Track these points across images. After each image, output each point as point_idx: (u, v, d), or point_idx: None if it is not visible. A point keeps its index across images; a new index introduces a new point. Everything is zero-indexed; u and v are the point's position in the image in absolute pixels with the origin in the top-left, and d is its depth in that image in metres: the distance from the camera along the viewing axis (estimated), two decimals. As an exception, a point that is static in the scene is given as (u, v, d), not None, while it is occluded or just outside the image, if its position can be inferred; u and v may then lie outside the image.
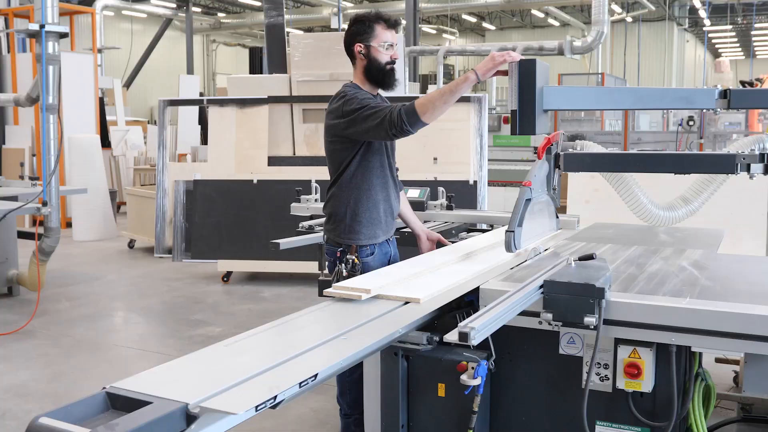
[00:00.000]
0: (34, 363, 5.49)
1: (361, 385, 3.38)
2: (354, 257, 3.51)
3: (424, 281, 3.02)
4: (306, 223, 4.69)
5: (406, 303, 2.72)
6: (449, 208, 4.85)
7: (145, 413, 1.63)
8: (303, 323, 2.51)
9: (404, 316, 2.58)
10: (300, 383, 1.89)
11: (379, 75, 3.49)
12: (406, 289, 2.86)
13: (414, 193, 4.61)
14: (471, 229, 4.71)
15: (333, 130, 3.51)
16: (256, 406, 1.72)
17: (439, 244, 3.95)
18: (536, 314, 2.70)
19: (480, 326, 2.16)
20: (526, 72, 2.71)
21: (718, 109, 3.22)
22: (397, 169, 3.94)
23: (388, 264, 3.65)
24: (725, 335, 2.48)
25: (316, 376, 1.96)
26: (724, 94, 3.16)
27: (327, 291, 2.81)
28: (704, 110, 6.11)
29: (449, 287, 2.92)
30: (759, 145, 3.34)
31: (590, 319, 2.51)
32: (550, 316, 2.58)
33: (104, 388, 1.73)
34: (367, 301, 2.74)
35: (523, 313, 2.74)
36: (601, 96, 3.00)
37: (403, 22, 27.58)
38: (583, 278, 2.58)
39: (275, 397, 1.78)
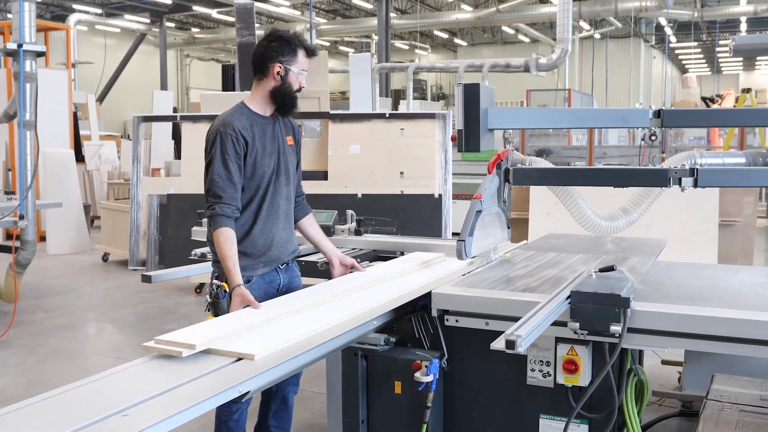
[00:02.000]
0: (12, 370, 5.65)
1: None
2: (223, 284, 3.19)
3: (276, 328, 2.65)
4: (199, 251, 4.20)
5: (239, 360, 2.32)
6: (358, 233, 4.43)
7: None
8: (87, 392, 2.11)
9: (220, 382, 2.14)
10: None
11: (288, 100, 3.34)
12: (245, 342, 2.45)
13: (320, 216, 4.17)
14: (381, 255, 4.31)
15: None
16: None
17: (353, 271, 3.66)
18: (483, 316, 2.96)
19: (525, 334, 2.30)
20: (470, 95, 2.97)
21: (654, 128, 3.51)
22: (301, 195, 3.69)
23: (277, 294, 3.38)
24: (651, 332, 2.74)
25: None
26: (658, 113, 3.45)
27: (145, 345, 2.40)
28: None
29: (300, 337, 2.52)
30: (690, 160, 3.63)
31: (616, 328, 2.66)
32: (577, 325, 2.71)
33: None
34: (191, 358, 2.31)
35: (472, 315, 3.00)
36: (542, 116, 3.27)
37: (375, 37, 27.95)
38: (609, 288, 2.72)
39: None
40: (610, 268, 3.03)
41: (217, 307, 3.14)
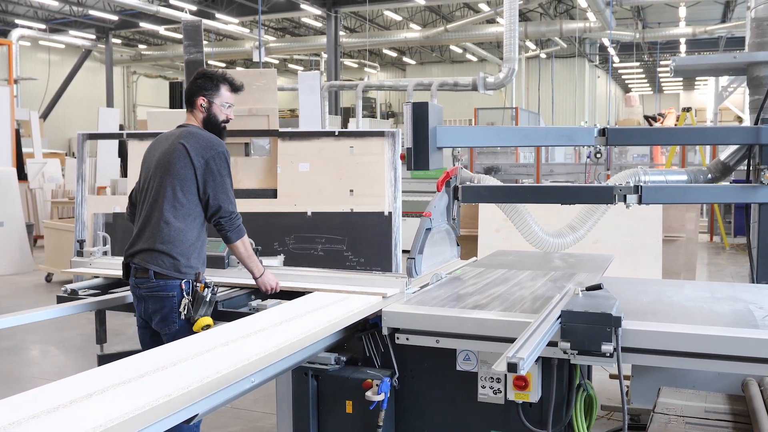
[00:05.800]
0: (-51, 397, 5.46)
1: None
2: (201, 284, 3.39)
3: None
4: (71, 286, 3.85)
5: None
6: None
7: None
8: None
9: None
10: None
11: (215, 129, 3.64)
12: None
13: (214, 246, 3.93)
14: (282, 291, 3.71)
15: (188, 168, 3.46)
16: None
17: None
18: (434, 334, 2.96)
19: (527, 356, 2.25)
20: (419, 114, 2.99)
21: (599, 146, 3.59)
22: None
23: None
24: (599, 348, 2.77)
25: None
26: (603, 132, 3.52)
27: None
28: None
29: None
30: (634, 177, 3.71)
31: (607, 347, 2.62)
32: (567, 345, 2.66)
33: None
34: None
35: (423, 333, 3.00)
36: (490, 134, 3.31)
37: (325, 55, 28.01)
38: (599, 308, 2.68)
39: None
40: (597, 287, 2.99)
41: (200, 304, 3.36)
